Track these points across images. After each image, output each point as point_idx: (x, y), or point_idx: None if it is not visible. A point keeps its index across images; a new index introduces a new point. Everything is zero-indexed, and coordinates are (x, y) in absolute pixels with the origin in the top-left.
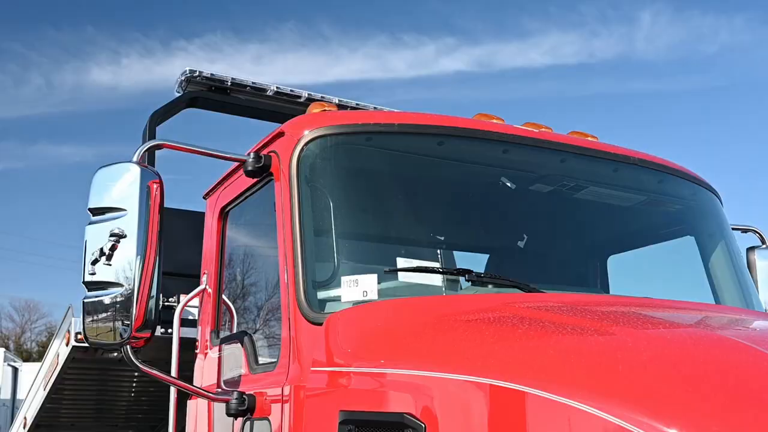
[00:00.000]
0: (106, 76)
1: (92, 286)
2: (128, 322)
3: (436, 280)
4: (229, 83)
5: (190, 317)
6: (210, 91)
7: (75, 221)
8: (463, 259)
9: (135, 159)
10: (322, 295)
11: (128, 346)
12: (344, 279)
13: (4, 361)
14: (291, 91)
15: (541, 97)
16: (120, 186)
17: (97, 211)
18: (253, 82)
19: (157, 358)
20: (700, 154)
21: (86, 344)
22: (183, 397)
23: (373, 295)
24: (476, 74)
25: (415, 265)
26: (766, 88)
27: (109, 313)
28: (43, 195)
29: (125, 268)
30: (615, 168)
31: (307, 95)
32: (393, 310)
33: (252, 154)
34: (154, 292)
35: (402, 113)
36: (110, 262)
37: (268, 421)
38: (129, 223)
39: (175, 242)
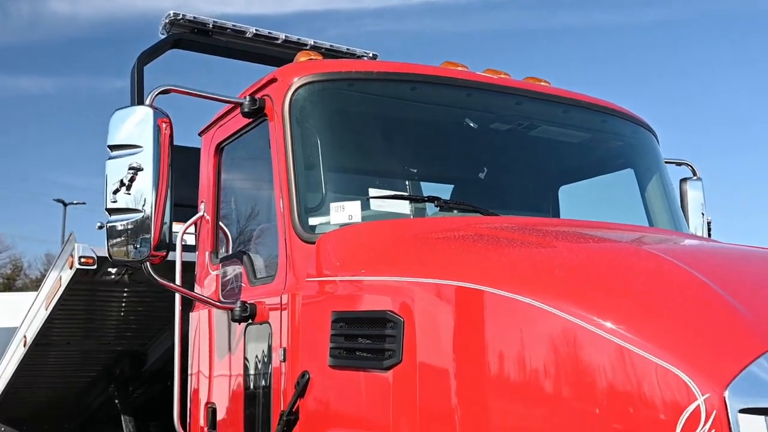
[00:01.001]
0: (65, 5)
1: (114, 212)
2: (147, 243)
3: (409, 206)
4: (210, 26)
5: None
6: (193, 33)
7: (34, 153)
8: (433, 190)
9: (147, 102)
10: (313, 219)
11: (147, 263)
12: (332, 205)
13: None
14: (269, 33)
15: (504, 29)
16: (135, 126)
17: (116, 148)
18: (233, 25)
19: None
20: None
21: (89, 267)
22: (185, 310)
23: (357, 219)
24: (442, 5)
25: (392, 194)
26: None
27: (130, 236)
28: (1, 127)
29: (143, 196)
30: (564, 110)
31: (284, 37)
32: (374, 230)
33: (248, 98)
34: (167, 218)
35: (380, 62)
36: (129, 192)
37: (269, 324)
38: (144, 157)
39: (182, 172)
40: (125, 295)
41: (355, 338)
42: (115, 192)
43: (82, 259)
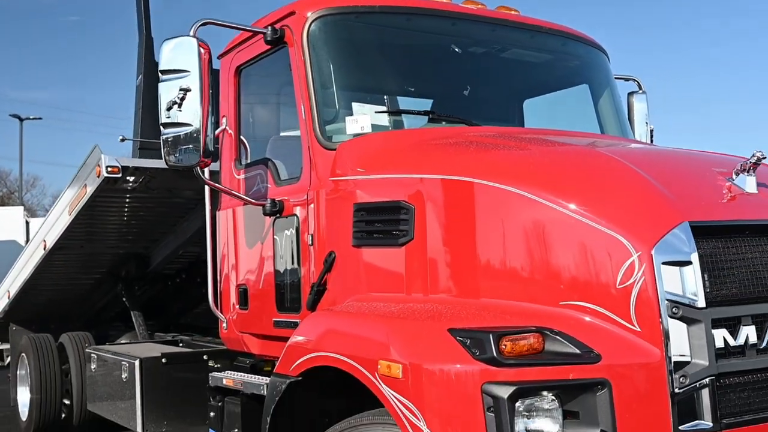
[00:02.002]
0: None
1: (168, 126)
2: (197, 151)
3: (409, 118)
4: None
5: None
6: None
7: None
8: (425, 104)
9: (191, 33)
10: (331, 129)
11: (198, 168)
12: (347, 118)
13: None
14: None
15: None
16: (182, 54)
17: (166, 72)
18: None
19: (173, 186)
20: None
21: (115, 176)
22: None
23: (368, 129)
24: None
25: (396, 110)
26: None
27: (182, 145)
28: None
29: (192, 112)
30: (531, 35)
31: None
32: (383, 138)
33: (270, 28)
34: (209, 131)
35: None
36: (180, 109)
37: (296, 216)
38: (192, 80)
39: None
40: (128, 201)
41: (374, 223)
42: (168, 109)
43: (109, 168)
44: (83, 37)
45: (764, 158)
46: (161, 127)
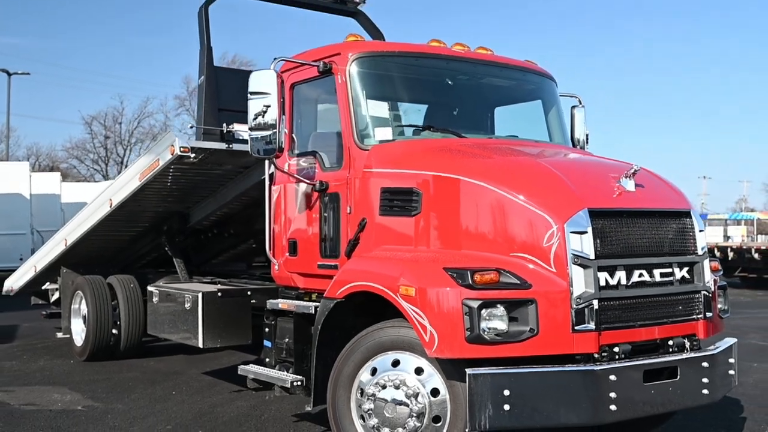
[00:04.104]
0: None
1: (255, 129)
2: (273, 147)
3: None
4: None
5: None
6: None
7: None
8: (429, 117)
9: (271, 68)
10: (364, 136)
11: (273, 158)
12: (376, 129)
13: None
14: None
15: None
16: (264, 81)
17: (254, 93)
18: None
19: (222, 162)
20: None
21: (186, 155)
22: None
23: (389, 137)
24: None
25: (408, 122)
26: None
27: (263, 143)
28: None
29: (271, 122)
30: (501, 68)
31: None
32: (400, 145)
33: (322, 63)
34: (282, 134)
35: (400, 44)
36: (265, 119)
37: (338, 194)
38: (271, 100)
39: (241, 91)
40: (171, 174)
41: (394, 201)
42: (255, 119)
43: (182, 148)
44: None
45: (639, 169)
46: (249, 131)
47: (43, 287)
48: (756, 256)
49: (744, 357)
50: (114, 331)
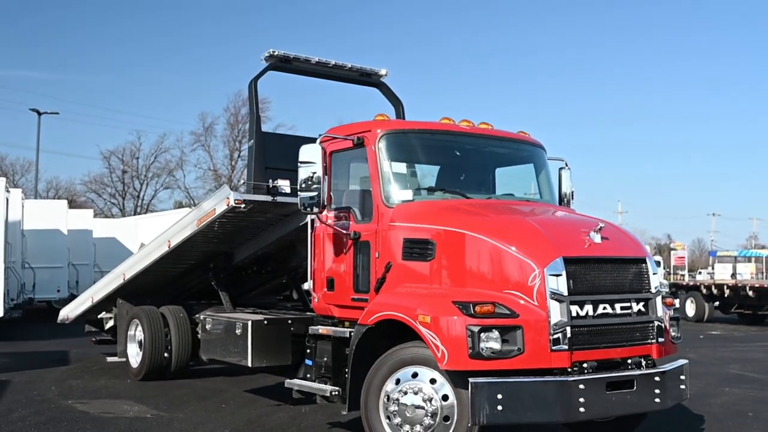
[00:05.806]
0: None
1: (303, 190)
2: (317, 205)
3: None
4: (291, 57)
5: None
6: (280, 61)
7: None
8: (441, 180)
9: (318, 142)
10: (389, 196)
11: (317, 215)
12: (399, 191)
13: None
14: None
15: None
16: (312, 152)
17: (303, 162)
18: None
19: (266, 212)
20: None
21: (239, 206)
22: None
23: (410, 198)
24: None
25: (423, 185)
26: None
27: (309, 202)
28: None
29: (316, 186)
30: (500, 140)
31: (349, 65)
32: (419, 205)
33: (356, 137)
34: (324, 195)
35: (418, 122)
36: (312, 184)
37: (368, 242)
38: (316, 167)
39: (284, 152)
40: (217, 221)
41: (414, 248)
42: (302, 183)
43: (236, 200)
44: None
45: (604, 226)
46: (299, 192)
47: (98, 316)
48: (750, 293)
49: (719, 383)
50: (165, 354)
